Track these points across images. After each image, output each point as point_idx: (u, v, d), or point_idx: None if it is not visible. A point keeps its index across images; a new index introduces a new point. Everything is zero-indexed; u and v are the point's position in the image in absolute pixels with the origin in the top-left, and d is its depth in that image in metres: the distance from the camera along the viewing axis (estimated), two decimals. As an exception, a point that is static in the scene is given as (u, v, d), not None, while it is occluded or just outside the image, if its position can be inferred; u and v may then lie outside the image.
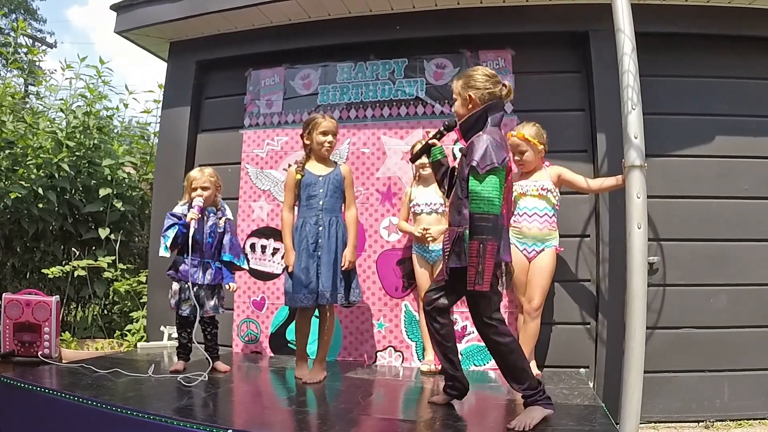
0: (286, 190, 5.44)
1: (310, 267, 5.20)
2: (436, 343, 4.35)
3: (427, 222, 5.77)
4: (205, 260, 5.41)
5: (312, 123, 5.34)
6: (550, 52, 6.40)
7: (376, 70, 6.68)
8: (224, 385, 4.99)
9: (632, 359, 4.43)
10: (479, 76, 4.17)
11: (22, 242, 8.11)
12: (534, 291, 5.46)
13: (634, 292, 4.49)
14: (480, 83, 4.14)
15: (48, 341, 5.77)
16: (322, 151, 5.38)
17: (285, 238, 5.37)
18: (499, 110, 4.15)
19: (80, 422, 4.19)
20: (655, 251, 5.93)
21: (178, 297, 5.37)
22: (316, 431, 3.84)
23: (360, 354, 6.40)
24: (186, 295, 5.30)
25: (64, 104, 8.57)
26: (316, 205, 5.30)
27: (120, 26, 7.49)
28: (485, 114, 4.09)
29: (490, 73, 4.19)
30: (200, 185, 5.39)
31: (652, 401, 5.68)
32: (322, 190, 5.32)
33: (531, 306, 5.46)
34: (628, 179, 4.58)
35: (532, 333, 5.51)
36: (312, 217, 5.28)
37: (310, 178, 5.33)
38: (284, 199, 5.46)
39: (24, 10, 35.21)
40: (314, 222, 5.27)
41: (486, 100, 4.11)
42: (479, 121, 4.08)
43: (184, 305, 5.34)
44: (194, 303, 5.27)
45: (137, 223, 8.90)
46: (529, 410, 3.91)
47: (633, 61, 4.65)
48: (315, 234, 5.25)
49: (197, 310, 5.29)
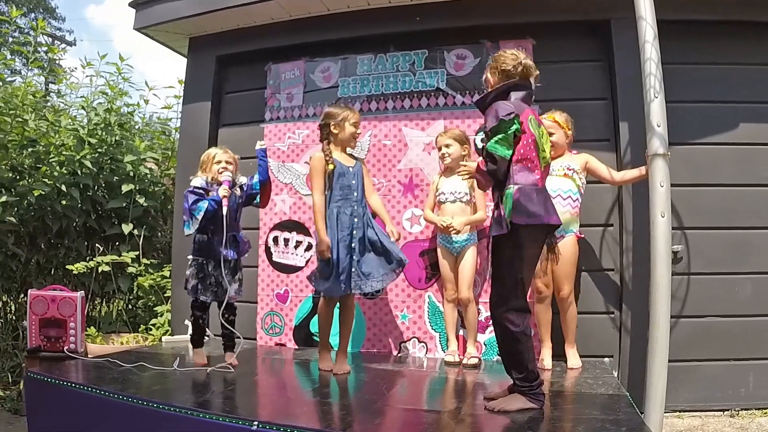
0: (316, 174, 5.30)
1: (344, 257, 5.19)
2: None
3: (451, 211, 5.75)
4: (231, 233, 5.38)
5: (344, 113, 5.33)
6: (572, 41, 6.37)
7: (396, 62, 6.67)
8: (249, 377, 5.03)
9: (657, 348, 4.44)
10: (498, 56, 4.20)
11: (46, 239, 8.17)
12: (561, 281, 5.46)
13: (658, 281, 4.49)
14: (496, 64, 4.18)
15: (74, 336, 5.80)
16: (352, 142, 5.43)
17: (318, 223, 5.23)
18: (523, 88, 4.11)
19: (107, 416, 4.25)
20: (678, 240, 5.88)
21: (196, 280, 5.34)
22: (343, 422, 3.84)
23: (384, 345, 6.41)
24: (209, 281, 5.30)
25: (86, 101, 8.62)
26: (351, 196, 5.30)
27: (139, 23, 7.53)
28: (507, 92, 4.08)
29: (509, 53, 4.17)
30: (225, 159, 5.40)
31: (677, 390, 5.63)
32: (354, 181, 5.33)
33: (562, 295, 5.48)
34: (652, 168, 4.58)
35: (571, 319, 5.55)
36: (348, 208, 5.26)
37: (341, 168, 5.31)
38: (315, 185, 5.30)
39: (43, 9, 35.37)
40: (350, 213, 5.26)
41: (504, 79, 4.11)
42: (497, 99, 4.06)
43: (207, 292, 5.32)
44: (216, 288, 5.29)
45: (160, 218, 8.95)
46: (512, 396, 3.96)
47: (655, 49, 4.64)
48: (350, 225, 5.24)
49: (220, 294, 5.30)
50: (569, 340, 5.58)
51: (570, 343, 5.57)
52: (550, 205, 3.96)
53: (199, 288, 5.31)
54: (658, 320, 4.46)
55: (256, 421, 3.60)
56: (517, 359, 3.92)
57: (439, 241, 5.91)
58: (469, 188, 5.76)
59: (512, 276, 3.90)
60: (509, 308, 3.88)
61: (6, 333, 7.42)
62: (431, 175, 6.28)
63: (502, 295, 3.94)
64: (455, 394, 4.87)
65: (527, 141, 3.94)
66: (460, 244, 5.74)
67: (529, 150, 3.94)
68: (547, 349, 5.58)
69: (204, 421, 3.76)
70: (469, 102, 6.35)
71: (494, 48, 6.29)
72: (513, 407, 3.86)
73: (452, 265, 5.82)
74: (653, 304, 4.51)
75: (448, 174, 5.86)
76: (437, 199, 5.92)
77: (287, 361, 6.07)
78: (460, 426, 3.72)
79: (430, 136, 6.39)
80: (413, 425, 3.87)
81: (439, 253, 5.90)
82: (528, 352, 3.91)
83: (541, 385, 3.95)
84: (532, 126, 3.97)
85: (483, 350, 6.00)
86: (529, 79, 4.15)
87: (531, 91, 4.16)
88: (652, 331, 4.48)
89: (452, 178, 5.79)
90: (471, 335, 5.79)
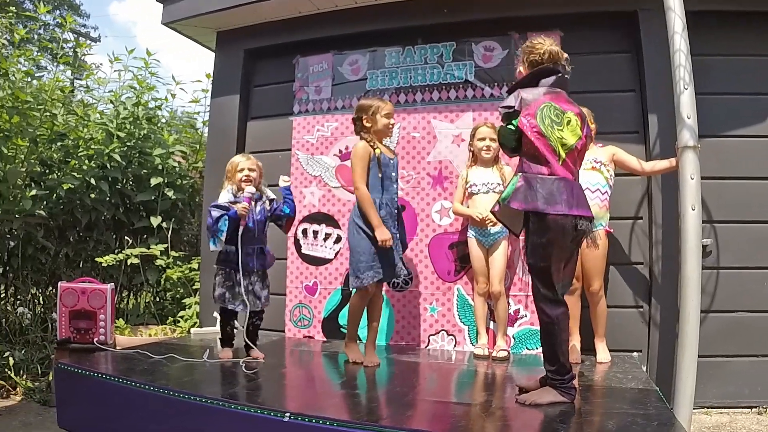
0: (360, 162, 5.23)
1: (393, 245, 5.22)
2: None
3: (484, 202, 5.70)
4: (257, 246, 5.40)
5: (375, 106, 5.31)
6: (599, 33, 6.33)
7: (424, 54, 6.66)
8: (277, 369, 5.04)
9: (686, 343, 4.41)
10: (525, 47, 4.23)
11: (75, 232, 8.26)
12: (591, 276, 5.44)
13: (688, 275, 4.47)
14: (524, 55, 4.22)
15: (103, 328, 5.84)
16: (387, 133, 5.43)
17: (372, 214, 5.15)
18: (552, 73, 4.09)
19: (137, 407, 4.27)
20: (708, 233, 5.83)
21: (224, 289, 5.34)
22: (374, 415, 3.83)
23: (412, 338, 6.40)
24: (237, 290, 5.29)
25: (115, 96, 8.67)
26: (391, 188, 5.32)
27: (167, 18, 7.58)
28: (534, 80, 4.09)
29: (536, 42, 4.18)
30: (248, 167, 5.37)
31: (705, 386, 5.57)
32: (394, 174, 5.36)
33: (592, 290, 5.46)
34: (682, 160, 4.55)
35: (601, 313, 5.54)
36: (389, 199, 5.29)
37: (384, 158, 5.32)
38: (358, 174, 5.23)
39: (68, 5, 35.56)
40: (390, 204, 5.29)
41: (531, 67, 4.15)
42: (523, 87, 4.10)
43: (236, 300, 5.31)
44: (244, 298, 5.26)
45: (188, 211, 9.00)
46: (543, 390, 3.95)
47: (684, 40, 4.62)
48: (390, 215, 5.27)
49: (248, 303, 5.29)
50: (599, 334, 5.56)
51: (600, 337, 5.56)
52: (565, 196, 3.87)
53: (227, 297, 5.30)
54: (688, 315, 4.43)
55: (288, 412, 3.60)
56: (550, 350, 3.92)
57: (471, 234, 5.86)
58: (500, 178, 5.78)
59: (536, 264, 3.91)
60: (539, 297, 3.92)
61: (35, 325, 7.48)
62: (460, 167, 6.25)
63: (533, 283, 3.97)
64: (485, 387, 4.86)
65: (530, 134, 3.91)
66: (494, 236, 5.72)
67: (533, 142, 3.91)
68: (576, 342, 5.56)
69: (236, 413, 3.76)
70: (497, 94, 6.34)
71: (522, 40, 6.27)
72: (544, 400, 3.85)
73: (485, 257, 5.80)
74: (683, 299, 4.48)
75: (485, 165, 5.87)
76: (468, 191, 5.89)
77: (316, 353, 6.09)
78: (490, 419, 3.71)
79: (459, 128, 6.39)
80: (444, 417, 3.84)
81: (471, 246, 5.85)
82: (560, 344, 3.89)
83: (572, 379, 3.92)
84: (540, 116, 3.93)
85: (512, 344, 5.99)
86: (559, 63, 4.15)
87: (561, 75, 4.14)
88: (682, 325, 4.46)
89: (482, 168, 5.82)
90: (501, 328, 5.78)
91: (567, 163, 3.92)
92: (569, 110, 4.02)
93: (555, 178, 3.87)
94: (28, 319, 7.57)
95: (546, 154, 3.89)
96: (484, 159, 5.85)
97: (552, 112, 3.95)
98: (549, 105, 3.97)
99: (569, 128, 3.97)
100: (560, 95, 4.06)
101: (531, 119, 3.92)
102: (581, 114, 4.08)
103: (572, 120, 4.00)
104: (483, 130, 5.86)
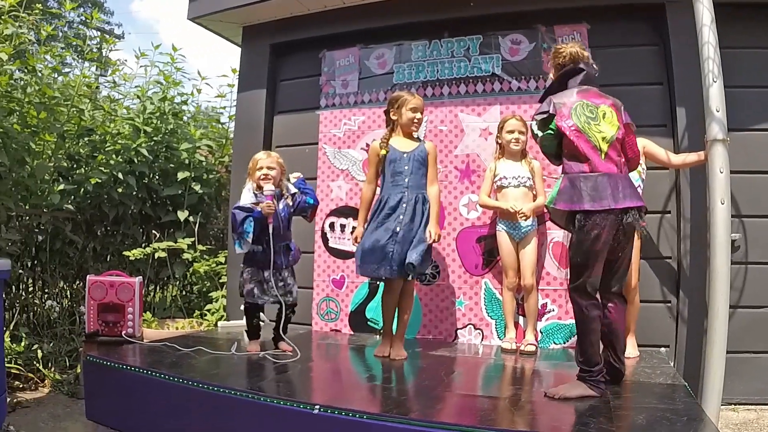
0: (369, 163, 5.50)
1: (387, 240, 5.20)
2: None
3: (514, 196, 5.71)
4: (284, 244, 5.41)
5: (401, 99, 5.36)
6: (627, 25, 6.30)
7: (450, 48, 6.65)
8: (305, 363, 5.03)
9: (715, 338, 4.40)
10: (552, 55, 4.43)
11: (102, 226, 8.35)
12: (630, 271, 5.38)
13: (717, 269, 4.44)
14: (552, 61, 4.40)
15: (131, 321, 5.86)
16: (411, 127, 5.42)
17: (360, 212, 5.50)
18: (576, 73, 4.22)
19: (166, 399, 4.31)
20: (736, 228, 5.77)
21: (253, 284, 5.34)
22: (402, 408, 3.81)
23: (440, 332, 6.41)
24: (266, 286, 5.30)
25: (141, 91, 8.71)
26: (401, 182, 5.31)
27: (192, 13, 7.61)
28: (563, 83, 4.25)
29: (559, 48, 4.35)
30: (266, 165, 5.33)
31: (732, 382, 5.44)
32: (407, 167, 5.33)
33: (629, 286, 5.40)
34: (711, 154, 4.53)
35: (635, 308, 5.49)
36: (397, 194, 5.28)
37: (394, 154, 5.35)
38: (367, 173, 5.57)
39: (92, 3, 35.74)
40: (399, 199, 5.27)
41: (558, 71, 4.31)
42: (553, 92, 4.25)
43: (264, 295, 5.33)
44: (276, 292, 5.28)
45: (214, 205, 9.03)
46: (573, 383, 3.97)
47: (713, 33, 4.60)
48: (398, 211, 5.25)
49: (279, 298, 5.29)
50: (630, 330, 5.51)
51: (630, 333, 5.52)
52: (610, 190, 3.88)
53: (255, 292, 5.31)
54: (717, 310, 4.41)
55: (318, 405, 3.61)
56: (580, 342, 3.97)
57: (501, 228, 5.83)
58: (530, 172, 5.77)
59: (575, 259, 3.97)
60: (573, 288, 3.98)
61: (63, 318, 7.52)
62: (488, 160, 6.24)
63: (570, 274, 4.03)
64: (513, 381, 4.85)
65: (569, 133, 4.01)
66: (525, 230, 5.72)
67: (573, 141, 3.99)
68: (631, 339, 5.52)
69: (265, 405, 3.78)
70: (524, 87, 6.35)
71: (549, 33, 6.27)
72: (573, 394, 3.87)
73: (515, 251, 5.78)
74: (712, 294, 4.46)
75: (515, 158, 5.86)
76: (497, 184, 5.86)
77: (343, 347, 6.11)
78: (519, 412, 3.71)
79: (486, 121, 6.38)
80: (473, 411, 3.84)
81: (501, 240, 5.82)
82: (590, 338, 3.93)
83: (601, 373, 3.94)
84: (575, 116, 4.03)
85: (539, 338, 5.97)
86: (582, 62, 4.25)
87: (587, 71, 4.24)
88: (711, 320, 4.44)
89: (511, 162, 5.82)
90: (530, 322, 5.79)
91: (610, 157, 3.98)
92: (602, 104, 4.10)
93: (598, 174, 3.92)
94: (56, 312, 7.61)
95: (587, 151, 3.97)
96: (513, 151, 5.83)
97: (586, 110, 4.05)
98: (582, 103, 4.07)
99: (606, 121, 4.05)
100: (590, 91, 4.16)
101: (567, 120, 4.02)
102: (615, 104, 4.14)
103: (607, 112, 4.08)
104: (512, 123, 5.84)
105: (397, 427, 3.38)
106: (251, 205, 5.23)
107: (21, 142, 6.90)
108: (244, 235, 5.16)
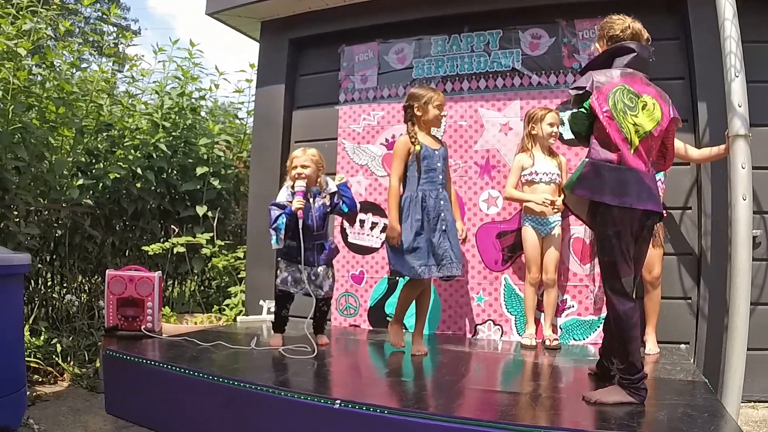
0: (397, 158, 5.31)
1: (435, 239, 5.17)
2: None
3: (544, 191, 5.66)
4: (318, 242, 5.38)
5: (427, 96, 5.27)
6: (648, 19, 6.11)
7: (470, 42, 6.62)
8: (324, 358, 5.03)
9: (735, 335, 4.35)
10: (604, 24, 4.05)
11: (121, 221, 8.38)
12: (653, 260, 5.32)
13: (738, 266, 4.39)
14: (602, 31, 4.03)
15: (151, 315, 5.87)
16: (437, 125, 5.42)
17: (392, 209, 5.27)
18: (629, 52, 3.86)
19: (186, 393, 4.29)
20: (757, 224, 5.68)
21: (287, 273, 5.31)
22: (422, 402, 3.81)
23: (459, 327, 6.39)
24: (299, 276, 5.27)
25: (160, 87, 8.74)
26: (436, 179, 5.27)
27: (211, 8, 7.61)
28: (609, 60, 3.88)
29: (615, 18, 4.00)
30: (300, 164, 5.27)
31: (752, 380, 5.32)
32: (439, 164, 5.30)
33: (652, 275, 5.40)
34: (733, 149, 4.48)
35: (656, 303, 5.47)
36: (433, 191, 5.23)
37: (427, 150, 5.28)
38: (393, 169, 5.31)
39: (108, -1, 35.95)
40: (436, 196, 5.23)
41: (609, 44, 3.96)
42: (596, 67, 3.87)
43: (297, 286, 5.31)
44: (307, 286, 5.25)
45: (232, 200, 9.05)
46: (612, 388, 3.73)
47: (735, 27, 4.55)
48: (437, 209, 5.21)
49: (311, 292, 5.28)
50: (650, 324, 5.47)
51: (651, 328, 5.48)
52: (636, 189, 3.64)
53: (289, 281, 5.30)
54: (738, 307, 4.37)
55: (338, 399, 3.60)
56: (620, 347, 3.72)
57: (527, 222, 5.78)
58: (558, 168, 5.76)
59: (602, 255, 3.78)
60: (608, 288, 3.74)
61: (82, 312, 7.55)
62: (508, 156, 6.23)
63: (601, 273, 3.84)
64: (534, 376, 4.83)
65: (602, 117, 3.68)
66: (552, 225, 5.70)
67: (605, 127, 3.67)
68: (651, 335, 5.51)
69: (286, 400, 3.76)
70: (545, 82, 6.31)
71: (569, 27, 6.23)
72: (610, 400, 3.64)
73: (540, 246, 5.75)
74: (733, 290, 4.41)
75: (539, 152, 5.80)
76: (527, 178, 5.78)
77: (362, 342, 6.10)
78: (540, 408, 3.68)
79: (506, 116, 6.36)
80: (494, 406, 3.81)
81: (527, 234, 5.77)
82: (630, 341, 3.66)
83: (643, 379, 3.67)
84: (612, 100, 3.68)
85: (559, 334, 5.95)
86: (639, 41, 3.95)
87: (639, 54, 3.88)
88: (732, 317, 4.39)
89: (544, 156, 5.78)
90: (548, 318, 5.76)
91: (640, 152, 3.67)
92: (645, 93, 3.79)
93: (625, 168, 3.65)
94: (75, 307, 7.65)
95: (617, 141, 3.66)
96: (547, 146, 5.80)
97: (626, 96, 3.71)
98: (623, 88, 3.73)
99: (645, 113, 3.72)
100: (636, 76, 3.82)
101: (603, 103, 3.69)
102: (661, 96, 3.85)
103: (648, 103, 3.75)
104: (553, 116, 5.75)
105: (417, 421, 3.35)
106: (285, 202, 5.24)
107: (40, 137, 6.95)
108: (278, 232, 5.16)
